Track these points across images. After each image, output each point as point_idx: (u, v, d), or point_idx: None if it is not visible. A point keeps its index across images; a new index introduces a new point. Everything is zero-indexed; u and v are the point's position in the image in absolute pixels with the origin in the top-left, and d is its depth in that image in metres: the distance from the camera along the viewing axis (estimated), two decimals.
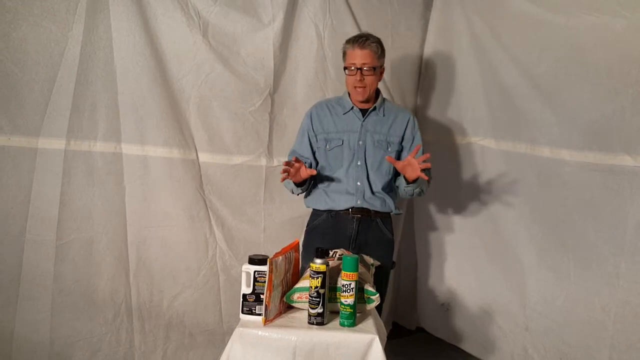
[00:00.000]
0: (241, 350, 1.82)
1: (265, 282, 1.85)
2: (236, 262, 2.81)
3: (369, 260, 2.24)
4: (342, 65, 2.49)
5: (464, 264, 3.19)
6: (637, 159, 2.29)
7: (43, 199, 2.48)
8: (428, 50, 3.29)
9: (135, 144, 2.60)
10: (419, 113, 3.38)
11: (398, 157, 2.52)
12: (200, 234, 2.76)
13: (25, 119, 2.42)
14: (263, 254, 1.99)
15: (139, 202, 2.64)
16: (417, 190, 2.46)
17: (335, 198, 2.48)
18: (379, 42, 2.45)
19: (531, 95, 2.70)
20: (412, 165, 2.29)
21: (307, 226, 2.58)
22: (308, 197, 2.57)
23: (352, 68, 2.41)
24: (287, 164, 2.30)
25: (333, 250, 2.16)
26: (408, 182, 2.38)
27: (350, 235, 2.47)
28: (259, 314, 1.88)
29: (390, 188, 2.55)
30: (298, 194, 2.57)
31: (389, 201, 2.52)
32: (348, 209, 2.47)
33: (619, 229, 2.36)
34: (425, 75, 3.33)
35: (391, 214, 2.55)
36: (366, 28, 3.02)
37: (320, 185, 2.52)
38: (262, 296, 1.87)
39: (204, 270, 2.78)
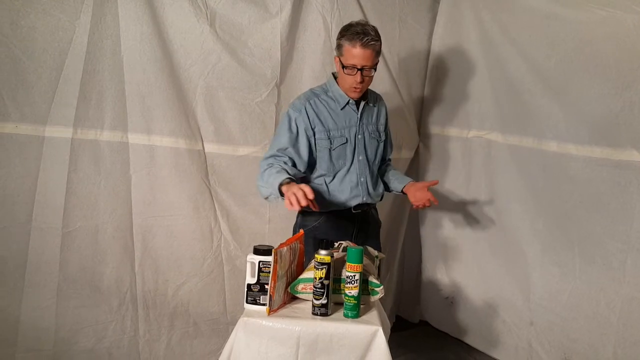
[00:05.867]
0: (245, 339, 1.83)
1: (269, 272, 1.85)
2: (241, 252, 2.81)
3: (373, 252, 2.24)
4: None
5: (468, 257, 3.18)
6: None
7: (49, 187, 2.49)
8: (436, 43, 3.27)
9: (141, 134, 2.61)
10: (425, 106, 3.37)
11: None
12: (206, 224, 2.77)
13: (33, 107, 2.43)
14: (268, 244, 1.99)
15: (144, 191, 2.65)
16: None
17: (339, 196, 2.34)
18: (379, 38, 2.22)
19: (539, 89, 2.69)
20: (425, 194, 2.40)
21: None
22: None
23: (352, 68, 2.20)
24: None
25: (338, 242, 2.16)
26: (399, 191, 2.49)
27: (351, 233, 2.41)
28: (263, 304, 1.88)
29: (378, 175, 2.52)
30: (272, 201, 2.27)
31: (382, 190, 2.51)
32: (350, 208, 2.38)
33: (625, 225, 2.35)
34: (433, 68, 3.31)
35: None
36: (374, 20, 2.99)
37: (319, 186, 2.33)
38: (266, 286, 1.88)
39: (209, 260, 2.79)
